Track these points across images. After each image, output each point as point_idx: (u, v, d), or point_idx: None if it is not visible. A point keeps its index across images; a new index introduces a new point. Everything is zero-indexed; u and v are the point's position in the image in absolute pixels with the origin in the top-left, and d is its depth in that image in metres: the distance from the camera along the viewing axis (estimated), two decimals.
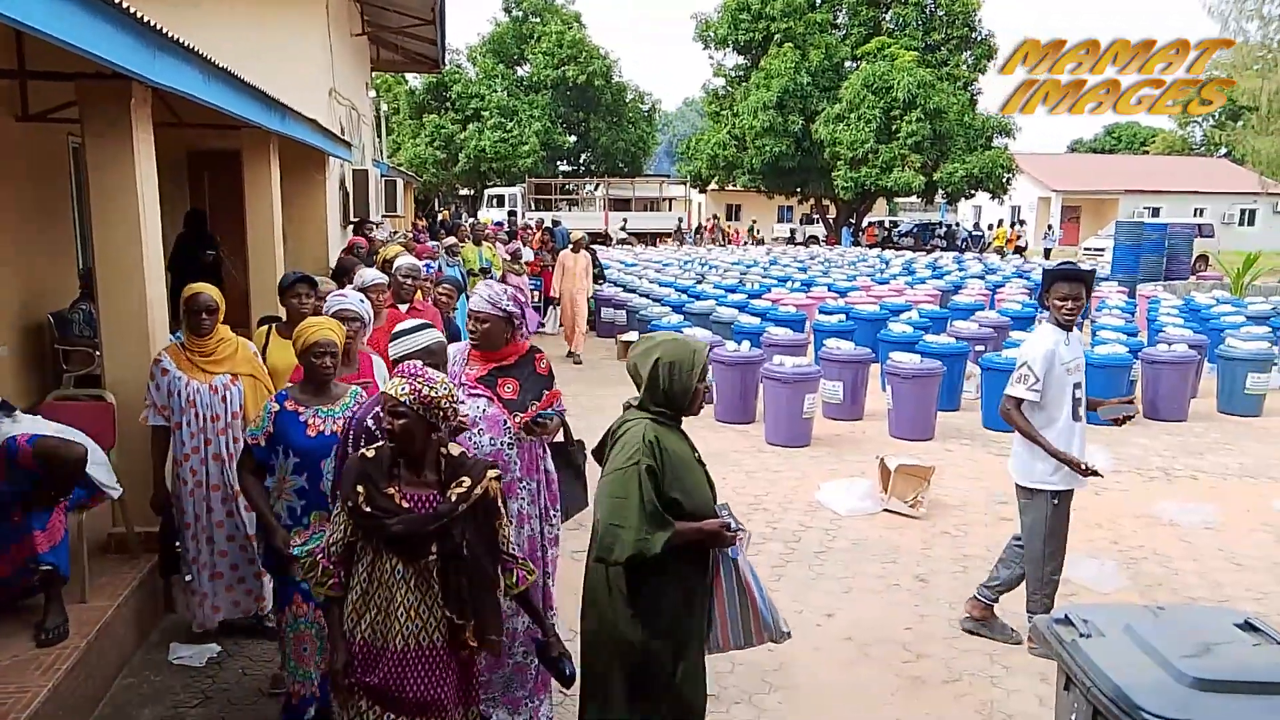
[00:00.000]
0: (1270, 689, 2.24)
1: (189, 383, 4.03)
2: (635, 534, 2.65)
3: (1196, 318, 12.47)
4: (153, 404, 4.05)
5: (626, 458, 2.74)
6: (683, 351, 2.89)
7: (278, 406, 3.38)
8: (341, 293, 3.79)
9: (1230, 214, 41.21)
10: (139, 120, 4.41)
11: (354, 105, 12.90)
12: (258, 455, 3.38)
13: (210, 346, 4.11)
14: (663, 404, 2.87)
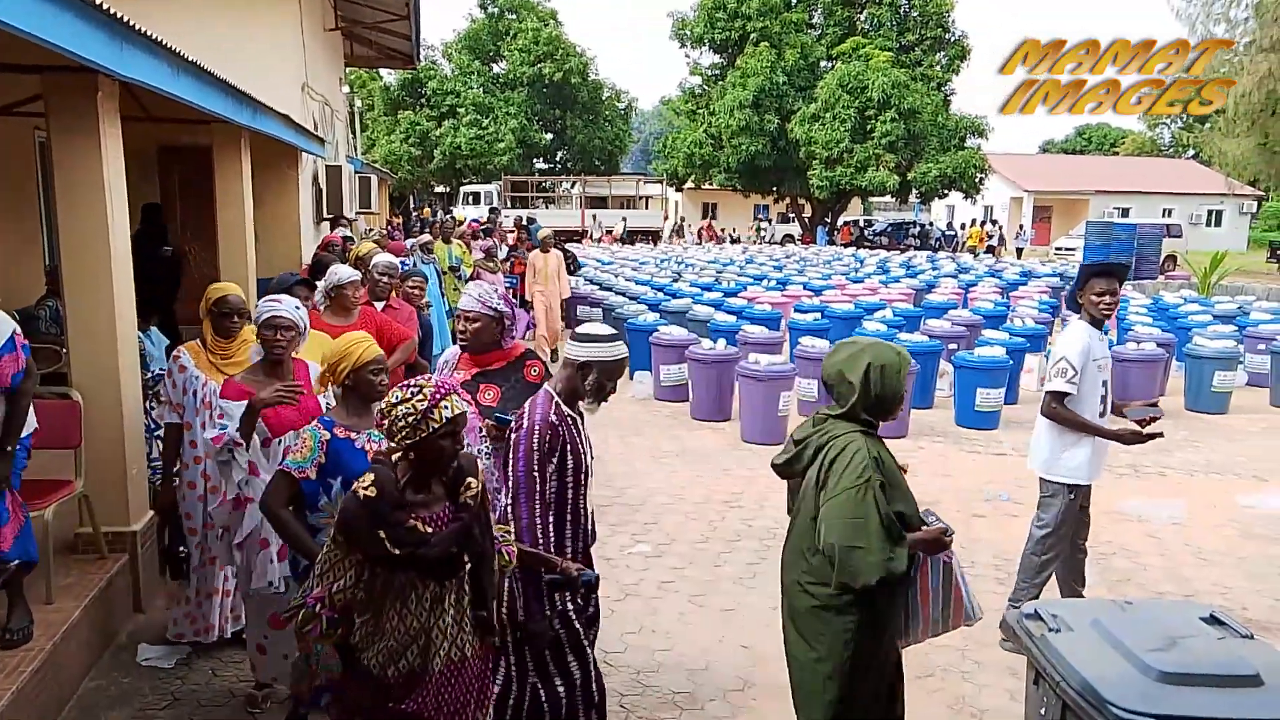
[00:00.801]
0: (1234, 682, 2.27)
1: (206, 383, 3.91)
2: (880, 555, 2.64)
3: (1165, 317, 12.65)
4: (168, 400, 3.97)
5: (857, 476, 2.70)
6: (890, 355, 2.89)
7: (328, 434, 2.97)
8: (275, 298, 3.62)
9: (1198, 215, 41.87)
10: (106, 114, 4.34)
11: (327, 101, 12.78)
12: (306, 489, 2.92)
13: (233, 349, 4.01)
14: (872, 410, 2.86)
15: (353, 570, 2.41)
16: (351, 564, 2.42)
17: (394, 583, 2.42)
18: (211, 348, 3.99)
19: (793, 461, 2.98)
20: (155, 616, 4.58)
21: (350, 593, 2.40)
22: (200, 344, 4.02)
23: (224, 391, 3.53)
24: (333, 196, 12.18)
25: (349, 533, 2.40)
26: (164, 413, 3.98)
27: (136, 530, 4.54)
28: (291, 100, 9.93)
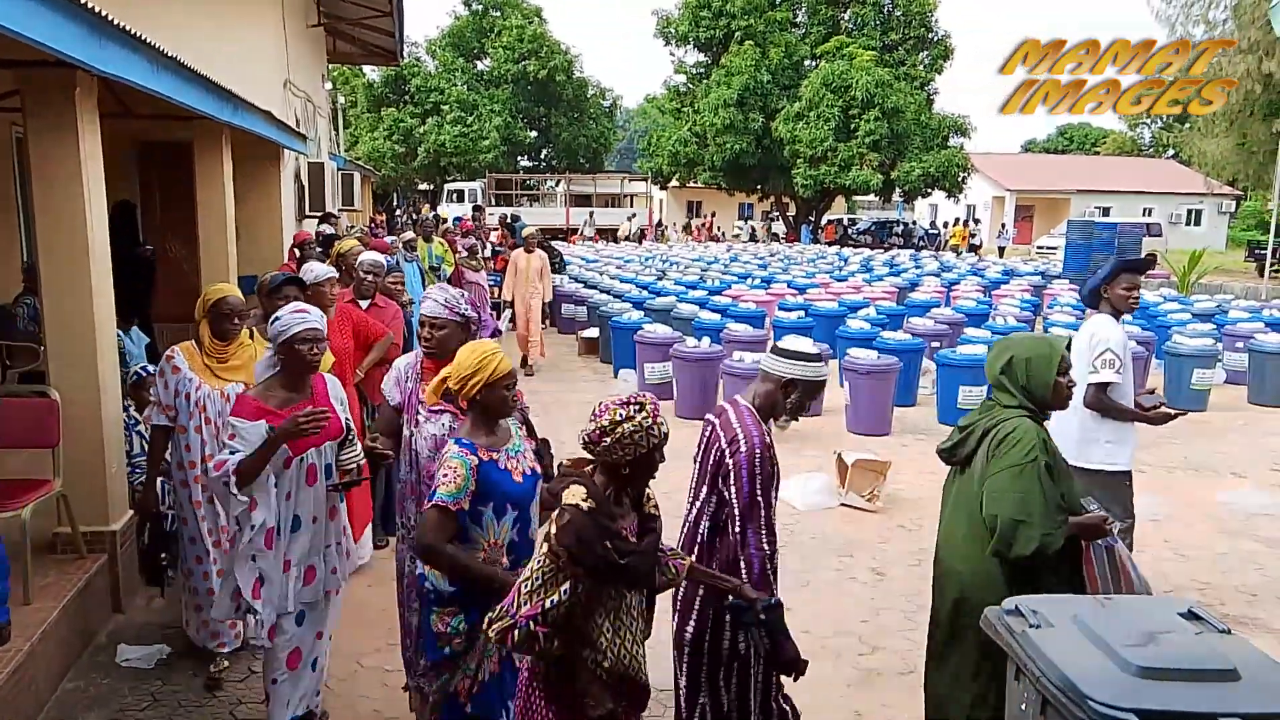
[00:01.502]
0: (1212, 676, 2.29)
1: (200, 386, 3.81)
2: (1041, 529, 2.78)
3: (1144, 315, 12.75)
4: (158, 401, 3.84)
5: (1024, 454, 2.84)
6: (1039, 347, 3.04)
7: (475, 459, 2.76)
8: (302, 309, 3.22)
9: (1177, 214, 42.26)
10: (84, 110, 4.30)
11: (310, 97, 12.70)
12: (461, 521, 2.75)
13: (230, 352, 3.90)
14: (1027, 400, 2.99)
15: (567, 584, 2.36)
16: (566, 578, 2.37)
17: (601, 595, 2.42)
18: (209, 350, 3.86)
19: (957, 447, 3.11)
20: (135, 617, 4.55)
21: (565, 607, 2.36)
22: (196, 346, 3.89)
23: (238, 409, 3.15)
24: (315, 194, 12.11)
25: (581, 544, 2.33)
26: (151, 413, 3.86)
27: (116, 530, 4.50)
28: (273, 97, 9.86)
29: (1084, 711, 2.21)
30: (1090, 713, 2.20)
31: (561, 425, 8.55)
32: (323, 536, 3.32)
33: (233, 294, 3.90)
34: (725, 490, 2.87)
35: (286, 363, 3.20)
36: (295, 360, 3.18)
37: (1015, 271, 20.33)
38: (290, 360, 3.19)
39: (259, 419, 3.11)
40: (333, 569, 3.37)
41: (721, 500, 2.91)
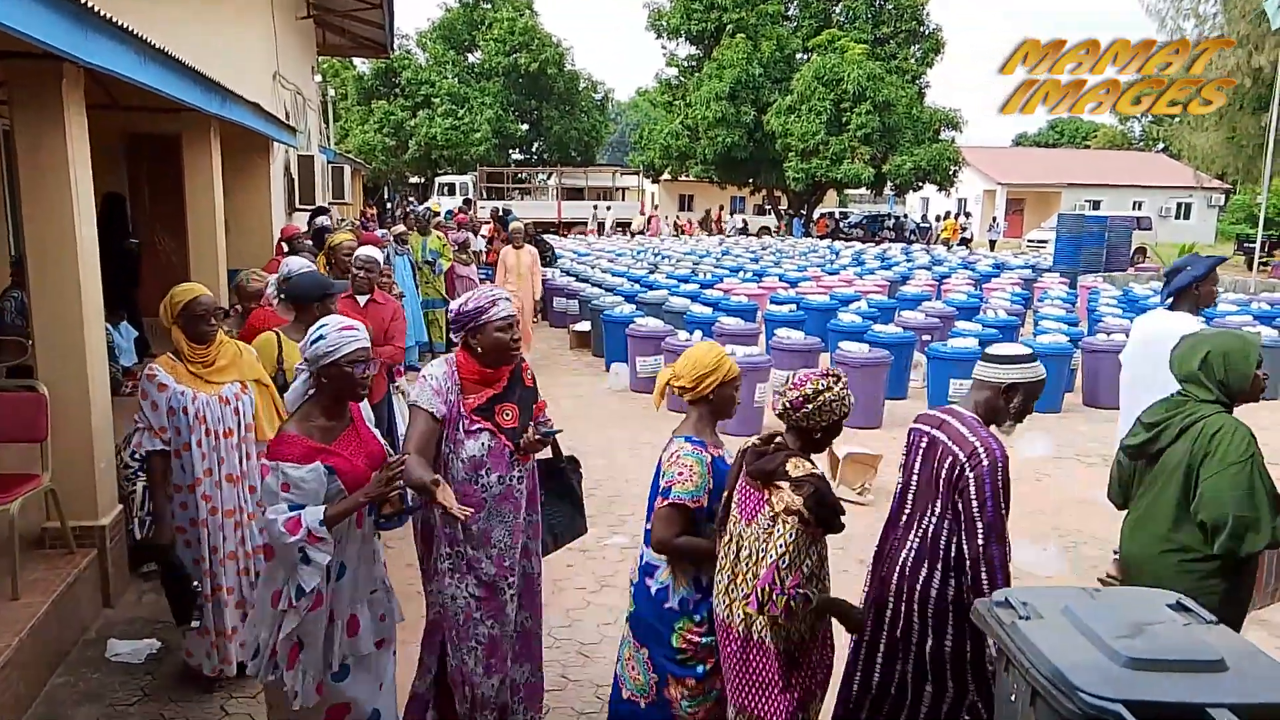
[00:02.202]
0: (1199, 667, 2.31)
1: (195, 396, 3.52)
2: (1268, 523, 2.83)
3: (1134, 308, 12.82)
4: (147, 426, 3.50)
5: (1241, 452, 2.88)
6: (1234, 342, 3.06)
7: (709, 454, 2.86)
8: (349, 325, 2.80)
9: (1167, 207, 42.43)
10: (71, 102, 4.27)
11: (299, 90, 12.64)
12: (696, 517, 2.82)
13: (212, 354, 3.64)
14: (1223, 394, 3.03)
15: (813, 547, 2.66)
16: (810, 541, 2.66)
17: (823, 553, 2.74)
18: (190, 356, 3.57)
19: (1149, 443, 3.13)
20: (125, 612, 4.53)
21: (816, 568, 2.67)
22: (173, 356, 3.61)
23: (284, 450, 2.65)
24: (305, 187, 12.06)
25: (826, 508, 2.62)
26: (143, 440, 3.50)
27: (105, 525, 4.49)
28: (262, 89, 9.81)
29: (1073, 702, 2.22)
30: (1079, 704, 2.21)
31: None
32: (365, 582, 2.86)
33: (202, 293, 3.63)
34: (960, 502, 2.84)
35: (330, 387, 2.74)
36: (343, 385, 2.74)
37: (1006, 265, 20.39)
38: (336, 385, 2.74)
39: (313, 460, 2.66)
40: (380, 616, 2.90)
41: (956, 514, 2.88)
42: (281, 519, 2.58)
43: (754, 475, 2.73)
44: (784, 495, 2.64)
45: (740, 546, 2.73)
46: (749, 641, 2.71)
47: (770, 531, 2.64)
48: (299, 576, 2.61)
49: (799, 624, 2.69)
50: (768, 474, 2.68)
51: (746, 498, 2.76)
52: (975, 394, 2.99)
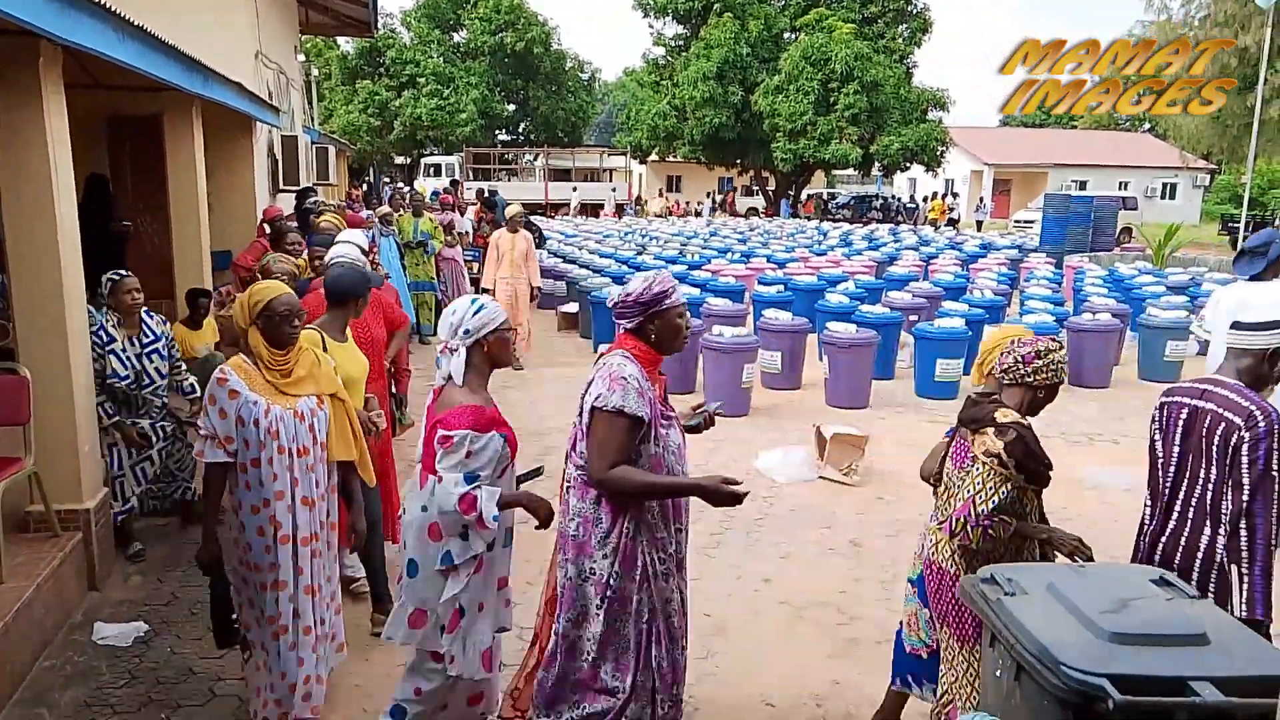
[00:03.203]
0: (1183, 641, 2.33)
1: (269, 409, 3.10)
2: None
3: (1120, 288, 12.88)
4: (211, 435, 3.08)
5: None
6: None
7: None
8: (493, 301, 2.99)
9: (1153, 188, 42.58)
10: (49, 81, 4.20)
11: (282, 69, 12.48)
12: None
13: (292, 361, 3.21)
14: None
15: (1005, 486, 2.92)
16: (1005, 481, 2.91)
17: (1024, 497, 3.00)
18: (270, 363, 3.15)
19: None
20: (111, 595, 4.52)
21: (1016, 507, 2.98)
22: (248, 360, 3.19)
23: (467, 420, 2.78)
24: (289, 167, 11.93)
25: (1030, 455, 2.92)
26: (204, 449, 3.10)
27: (90, 508, 4.46)
28: (244, 68, 9.68)
29: (1058, 677, 2.24)
30: (1064, 678, 2.23)
31: (542, 401, 8.54)
32: (506, 558, 3.05)
33: (284, 291, 3.22)
34: (1231, 463, 2.89)
35: (489, 358, 2.93)
36: (502, 353, 2.96)
37: (993, 245, 20.44)
38: (495, 353, 2.93)
39: (490, 430, 2.83)
40: (505, 601, 3.09)
41: (1230, 476, 2.92)
42: (459, 493, 2.73)
43: (964, 421, 3.06)
44: (986, 439, 2.94)
45: (952, 492, 3.07)
46: (943, 572, 3.08)
47: (969, 471, 2.97)
48: (449, 545, 2.79)
49: (999, 551, 2.97)
50: (976, 420, 2.99)
51: (959, 449, 3.09)
52: (1235, 362, 3.05)
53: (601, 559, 2.85)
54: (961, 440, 3.09)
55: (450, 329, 2.91)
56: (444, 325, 2.94)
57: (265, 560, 3.13)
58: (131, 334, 4.85)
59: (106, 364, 4.73)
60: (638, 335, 2.94)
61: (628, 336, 2.96)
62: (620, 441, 2.79)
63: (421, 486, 2.86)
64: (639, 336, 2.95)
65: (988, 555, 2.96)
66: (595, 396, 2.82)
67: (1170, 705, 2.16)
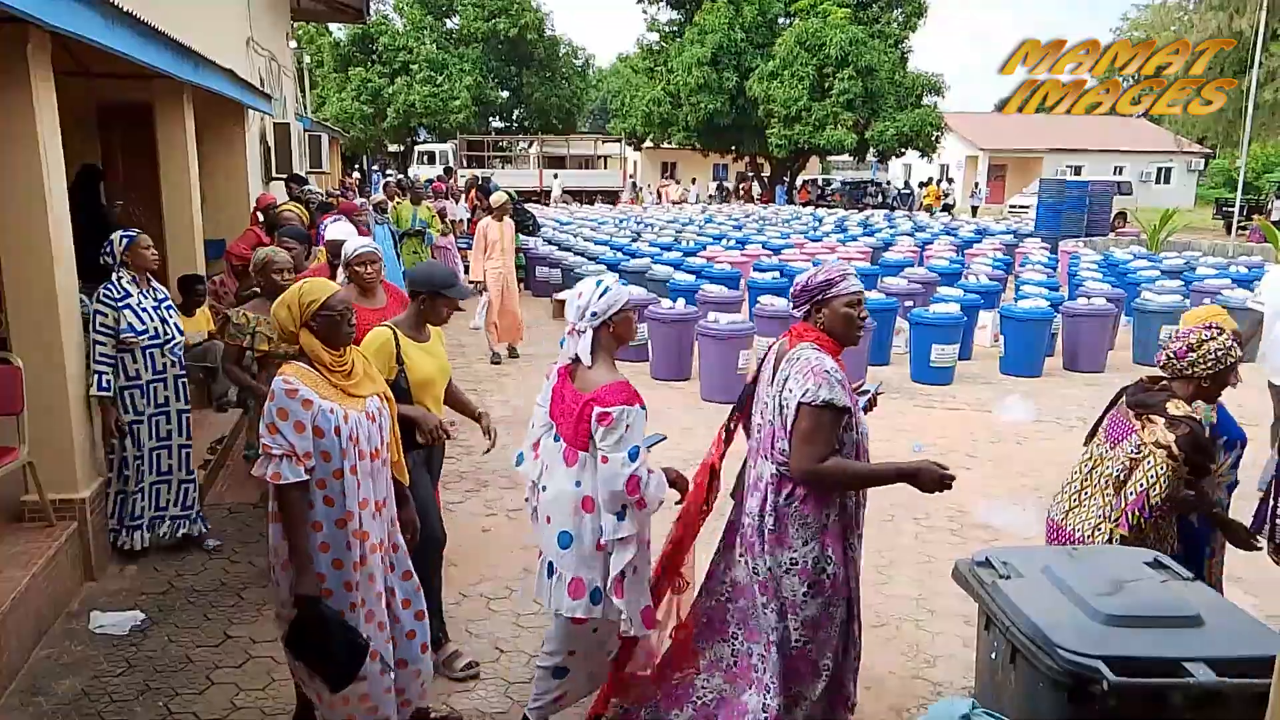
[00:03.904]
0: (1176, 622, 2.35)
1: (347, 415, 2.88)
2: None
3: (1114, 272, 12.89)
4: (287, 453, 2.78)
5: None
6: None
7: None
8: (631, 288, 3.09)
9: (1147, 172, 42.57)
10: (37, 68, 4.16)
11: (274, 56, 12.40)
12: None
13: (349, 361, 3.00)
14: None
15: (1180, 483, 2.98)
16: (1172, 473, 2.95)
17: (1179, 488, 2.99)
18: (332, 365, 2.93)
19: None
20: (107, 584, 4.52)
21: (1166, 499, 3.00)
22: (305, 365, 2.92)
23: (626, 396, 2.92)
24: (282, 155, 11.88)
25: (1200, 450, 2.95)
26: (282, 469, 2.78)
27: (85, 497, 4.45)
28: (236, 55, 9.62)
29: (1053, 659, 2.25)
30: (1059, 660, 2.24)
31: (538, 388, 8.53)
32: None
33: (337, 289, 3.01)
34: None
35: (616, 335, 3.06)
36: (624, 334, 3.09)
37: (988, 230, 20.43)
38: (622, 331, 3.07)
39: (636, 403, 2.95)
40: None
41: None
42: (626, 474, 2.85)
43: (1134, 406, 3.13)
44: (1156, 429, 2.97)
45: (1098, 465, 3.20)
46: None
47: (1137, 461, 3.01)
48: (603, 521, 2.91)
49: (1161, 544, 3.00)
50: (1147, 407, 3.06)
51: (1116, 424, 3.21)
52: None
53: (803, 547, 2.90)
54: (1122, 419, 3.17)
55: (577, 311, 3.01)
56: (570, 308, 3.05)
57: (355, 577, 2.91)
58: (146, 289, 4.75)
59: (121, 320, 4.55)
60: (823, 330, 2.96)
61: (807, 327, 2.98)
62: (828, 434, 2.82)
63: (569, 464, 2.98)
64: (819, 327, 2.97)
65: (1145, 540, 3.02)
66: (802, 393, 2.81)
67: (1164, 686, 2.18)
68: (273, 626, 4.11)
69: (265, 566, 4.68)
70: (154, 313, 4.71)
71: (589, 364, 2.99)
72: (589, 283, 3.05)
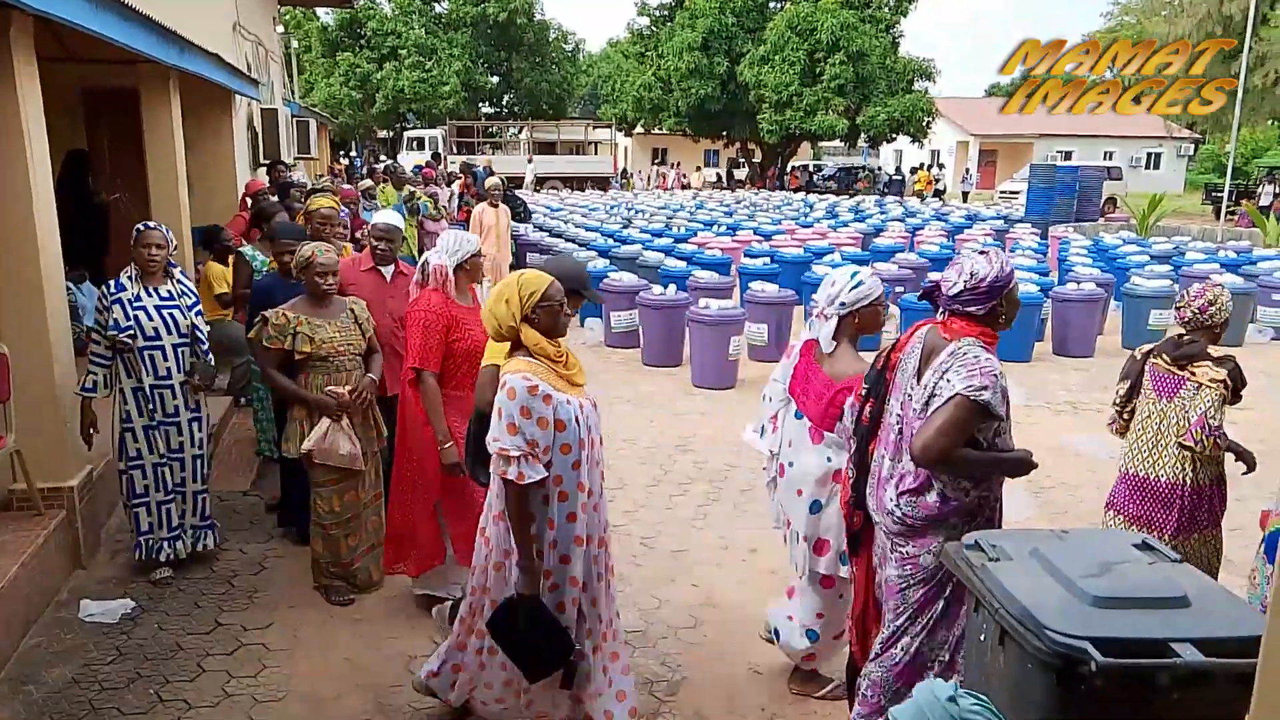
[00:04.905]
0: (1164, 603, 2.36)
1: (581, 406, 2.84)
2: None
3: (1104, 257, 12.93)
4: (526, 452, 2.72)
5: None
6: None
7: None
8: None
9: (1137, 157, 42.63)
10: (20, 52, 4.11)
11: (261, 41, 12.29)
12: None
13: (564, 350, 2.92)
14: None
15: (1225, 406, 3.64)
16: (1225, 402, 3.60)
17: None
18: (556, 357, 2.85)
19: None
20: (97, 572, 4.50)
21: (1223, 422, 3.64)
22: (530, 358, 2.83)
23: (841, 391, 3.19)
24: (270, 141, 11.80)
25: (1243, 381, 3.64)
26: (522, 469, 2.71)
27: (74, 485, 4.43)
28: (222, 40, 9.52)
29: (1041, 641, 2.26)
30: (1048, 642, 2.25)
31: None
32: None
33: (553, 280, 2.92)
34: None
35: (857, 328, 3.33)
36: (868, 324, 3.36)
37: (978, 216, 20.45)
38: (864, 324, 3.34)
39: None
40: None
41: None
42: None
43: (1177, 359, 3.69)
44: (1208, 369, 3.59)
45: (1162, 417, 3.72)
46: (1175, 485, 3.67)
47: (1196, 397, 3.58)
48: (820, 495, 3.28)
49: (1212, 465, 3.64)
50: (1191, 356, 3.62)
51: (1162, 380, 3.73)
52: None
53: (934, 538, 2.87)
54: (1162, 373, 3.74)
55: (827, 299, 3.22)
56: (821, 293, 3.25)
57: (594, 571, 2.95)
58: (152, 285, 4.34)
59: (109, 317, 4.22)
60: (981, 320, 2.83)
61: (967, 323, 2.84)
62: (967, 431, 2.77)
63: (815, 442, 3.27)
64: (983, 321, 2.83)
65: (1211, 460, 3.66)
66: (966, 386, 2.73)
67: (1151, 666, 2.19)
68: (285, 613, 4.12)
69: (257, 555, 4.69)
70: (155, 311, 4.29)
71: (828, 349, 3.23)
72: (844, 271, 3.24)
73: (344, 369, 4.13)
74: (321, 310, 4.15)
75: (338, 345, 4.11)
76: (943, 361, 2.82)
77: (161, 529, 4.39)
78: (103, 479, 4.86)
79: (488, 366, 3.27)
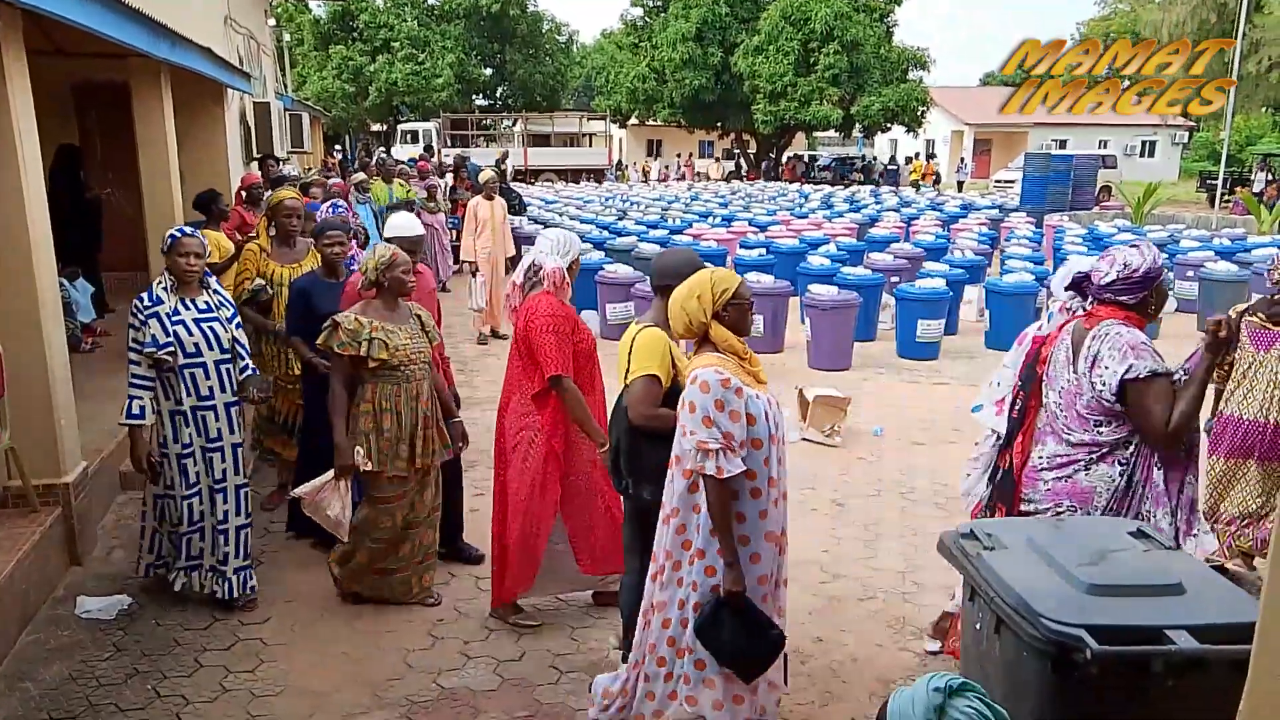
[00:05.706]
0: (1158, 591, 2.37)
1: (770, 401, 2.85)
2: None
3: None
4: (725, 446, 2.70)
5: None
6: None
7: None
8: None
9: (1132, 146, 42.64)
10: (9, 46, 4.08)
11: (253, 34, 12.22)
12: None
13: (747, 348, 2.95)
14: None
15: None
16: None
17: None
18: (743, 353, 2.87)
19: None
20: (93, 569, 4.50)
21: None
22: (722, 355, 2.83)
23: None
24: (262, 135, 11.75)
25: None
26: (722, 463, 2.69)
27: (69, 482, 4.42)
28: (214, 33, 9.47)
29: (1036, 628, 2.27)
30: (1042, 629, 2.26)
31: None
32: None
33: (737, 277, 2.94)
34: None
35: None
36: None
37: (973, 205, 20.45)
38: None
39: None
40: None
41: None
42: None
43: (1272, 316, 4.28)
44: None
45: (1259, 369, 4.26)
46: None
47: None
48: None
49: None
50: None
51: (1259, 335, 4.29)
52: None
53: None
54: (1259, 330, 4.29)
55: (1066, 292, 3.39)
56: (1055, 285, 3.43)
57: (778, 572, 2.94)
58: (189, 297, 3.98)
59: (146, 333, 3.82)
60: (1131, 309, 3.04)
61: (1112, 310, 3.05)
62: (1166, 398, 2.91)
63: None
64: (1133, 309, 3.05)
65: None
66: (1125, 369, 2.91)
67: (1147, 654, 2.20)
68: (282, 608, 4.12)
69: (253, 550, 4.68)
70: (195, 325, 3.92)
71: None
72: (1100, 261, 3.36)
73: (413, 379, 3.88)
74: (393, 315, 3.88)
75: (410, 353, 3.86)
76: (1089, 346, 3.03)
77: (180, 559, 4.06)
78: (98, 475, 4.85)
79: (639, 378, 3.14)
